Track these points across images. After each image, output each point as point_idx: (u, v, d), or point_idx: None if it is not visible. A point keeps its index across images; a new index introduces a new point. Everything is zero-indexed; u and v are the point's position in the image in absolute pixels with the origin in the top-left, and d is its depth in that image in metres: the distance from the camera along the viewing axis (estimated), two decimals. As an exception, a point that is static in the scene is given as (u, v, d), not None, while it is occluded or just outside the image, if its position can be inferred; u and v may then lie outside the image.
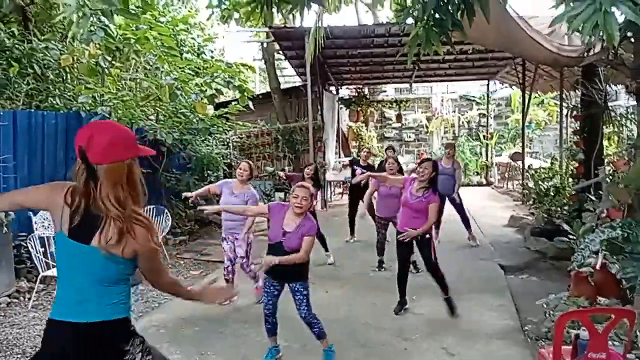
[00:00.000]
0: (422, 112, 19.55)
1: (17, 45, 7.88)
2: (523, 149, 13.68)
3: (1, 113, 6.31)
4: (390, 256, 6.85)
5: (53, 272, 5.74)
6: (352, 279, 6.61)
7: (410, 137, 19.70)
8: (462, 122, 19.28)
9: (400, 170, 7.29)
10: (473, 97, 19.58)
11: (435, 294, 5.71)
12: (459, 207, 8.29)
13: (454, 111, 19.48)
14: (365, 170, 8.10)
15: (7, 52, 7.68)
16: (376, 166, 9.12)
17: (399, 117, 18.48)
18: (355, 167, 8.56)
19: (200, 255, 8.11)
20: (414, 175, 6.18)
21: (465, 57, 13.04)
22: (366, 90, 17.73)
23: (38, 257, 5.73)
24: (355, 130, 17.89)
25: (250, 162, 5.90)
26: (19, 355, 4.33)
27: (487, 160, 17.54)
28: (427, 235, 5.13)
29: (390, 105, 18.53)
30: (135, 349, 2.07)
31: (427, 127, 19.34)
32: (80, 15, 8.79)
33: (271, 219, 4.01)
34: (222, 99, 13.18)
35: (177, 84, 7.29)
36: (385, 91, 19.52)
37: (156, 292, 6.15)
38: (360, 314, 5.25)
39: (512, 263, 7.30)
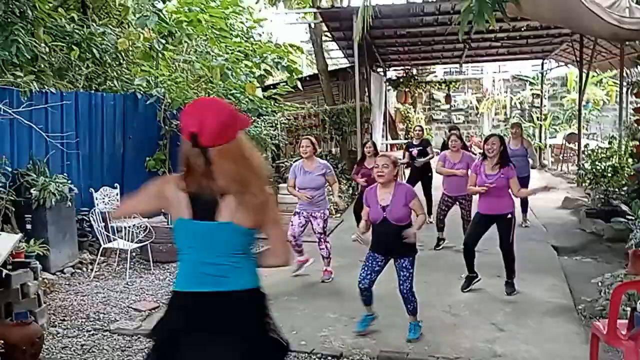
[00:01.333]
0: (472, 93, 19.07)
1: (76, 30, 8.22)
2: (579, 129, 13.14)
3: (65, 93, 6.62)
4: (451, 235, 6.82)
5: (113, 244, 6.06)
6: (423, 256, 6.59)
7: (459, 119, 19.30)
8: (515, 103, 18.70)
9: (465, 147, 7.16)
10: (526, 77, 18.93)
11: (485, 273, 5.68)
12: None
13: (506, 92, 18.92)
14: (420, 149, 8.02)
15: (68, 37, 8.02)
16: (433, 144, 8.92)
17: (447, 99, 18.08)
18: (410, 149, 8.36)
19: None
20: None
21: (518, 34, 12.58)
22: (414, 71, 17.42)
23: (99, 230, 6.04)
24: (402, 112, 17.68)
25: (311, 137, 5.98)
26: (83, 320, 4.61)
27: (540, 142, 16.96)
28: (510, 215, 4.98)
29: (439, 87, 18.13)
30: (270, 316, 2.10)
31: (477, 108, 18.87)
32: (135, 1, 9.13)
33: (369, 204, 4.05)
34: (270, 81, 13.35)
35: (227, 65, 7.42)
36: (434, 72, 19.12)
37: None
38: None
39: (566, 244, 7.11)
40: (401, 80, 16.56)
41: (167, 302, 2.18)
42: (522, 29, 11.89)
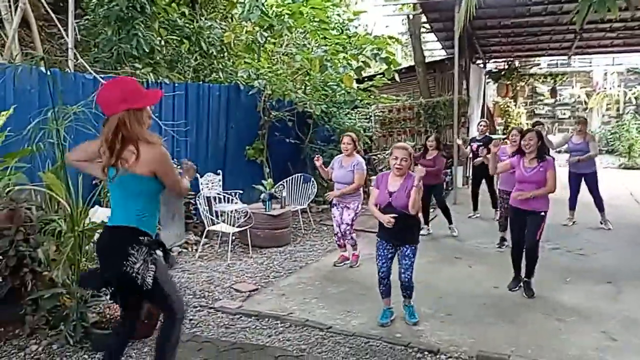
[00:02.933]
0: (580, 87, 17.80)
1: (187, 25, 8.72)
2: None
3: (176, 84, 7.06)
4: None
5: (216, 227, 6.40)
6: (493, 255, 6.41)
7: (564, 114, 18.12)
8: (629, 98, 17.21)
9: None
10: (644, 70, 17.35)
11: (592, 278, 5.38)
12: (594, 186, 7.56)
13: (619, 86, 17.46)
14: (482, 145, 7.70)
15: (179, 31, 8.54)
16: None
17: (553, 92, 17.01)
18: (472, 143, 8.15)
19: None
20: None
21: (637, 24, 11.54)
22: (517, 63, 16.58)
23: (204, 213, 6.40)
24: (502, 106, 16.92)
25: (353, 134, 6.07)
26: (190, 296, 4.92)
27: (657, 141, 15.53)
28: (543, 213, 4.83)
29: (544, 79, 17.12)
30: (139, 255, 2.61)
31: (586, 103, 17.59)
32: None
33: (379, 187, 4.19)
34: (367, 73, 13.33)
35: (326, 56, 7.52)
36: (538, 64, 18.06)
37: (303, 253, 6.56)
38: (508, 292, 5.06)
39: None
40: (503, 72, 15.83)
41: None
42: (642, 18, 10.89)
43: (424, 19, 11.73)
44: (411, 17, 12.04)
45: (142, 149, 2.57)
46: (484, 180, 8.03)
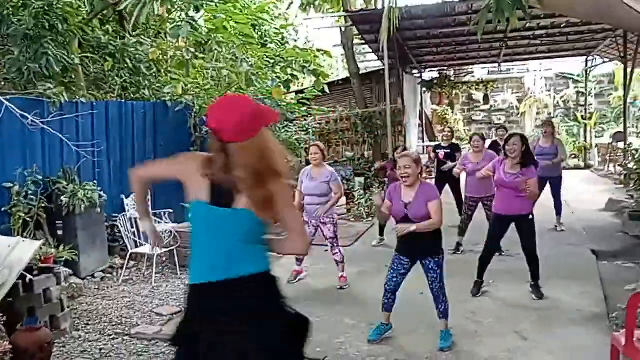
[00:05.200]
0: (512, 93, 18.50)
1: (111, 42, 8.48)
2: (625, 128, 12.53)
3: (94, 103, 6.82)
4: (470, 239, 6.63)
5: (140, 249, 6.19)
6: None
7: (500, 119, 18.75)
8: (558, 102, 18.01)
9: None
10: (570, 74, 18.21)
11: (514, 279, 5.48)
12: (557, 190, 7.72)
13: (549, 90, 18.25)
14: (449, 152, 7.80)
15: (102, 49, 8.29)
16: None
17: (486, 99, 17.63)
18: (437, 151, 8.09)
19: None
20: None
21: (558, 31, 12.12)
22: (451, 72, 17.08)
23: (128, 235, 6.18)
24: (440, 114, 17.36)
25: (320, 143, 5.92)
26: (106, 324, 4.69)
27: (585, 141, 16.27)
28: (531, 216, 4.85)
29: (477, 87, 17.71)
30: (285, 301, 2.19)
31: (517, 108, 18.29)
32: (167, 11, 9.30)
33: (392, 199, 4.00)
34: (305, 84, 13.37)
35: (253, 70, 7.48)
36: (472, 72, 18.68)
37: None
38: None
39: (607, 249, 6.76)
40: (434, 81, 16.27)
41: (186, 297, 2.24)
42: (562, 26, 11.45)
43: (356, 31, 11.91)
44: (343, 29, 12.18)
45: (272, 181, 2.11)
46: (447, 187, 8.03)
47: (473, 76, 18.53)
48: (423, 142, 15.28)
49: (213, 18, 7.83)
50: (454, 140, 8.24)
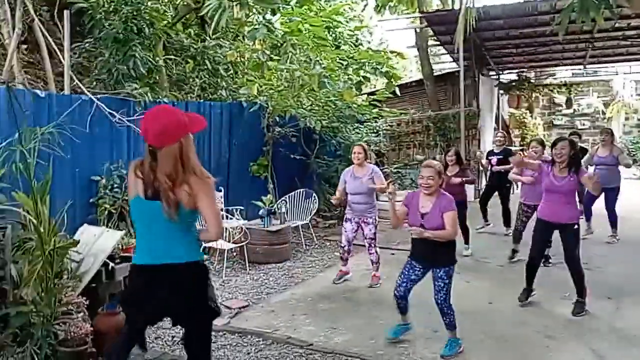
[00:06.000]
0: (598, 96, 17.43)
1: (192, 45, 8.91)
2: None
3: (175, 103, 7.18)
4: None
5: (212, 244, 6.39)
6: (494, 271, 6.27)
7: (584, 124, 17.75)
8: (648, 107, 16.80)
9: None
10: (664, 78, 16.92)
11: (593, 293, 5.17)
12: (612, 203, 7.35)
13: (639, 94, 17.05)
14: (501, 157, 7.56)
15: (184, 51, 8.72)
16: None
17: (568, 102, 16.73)
18: (490, 157, 7.92)
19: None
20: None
21: (651, 31, 11.29)
22: (531, 74, 16.35)
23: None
24: (518, 118, 16.69)
25: (364, 144, 6.05)
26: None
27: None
28: (577, 226, 4.67)
29: (559, 90, 16.84)
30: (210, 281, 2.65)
31: (604, 113, 17.21)
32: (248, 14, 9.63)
33: (409, 207, 4.02)
34: (378, 86, 13.35)
35: (324, 72, 7.57)
36: (553, 74, 17.80)
37: (301, 269, 6.53)
38: (502, 307, 4.94)
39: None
40: (513, 83, 15.66)
41: (129, 274, 2.77)
42: (655, 25, 10.65)
43: (430, 32, 11.73)
44: (418, 30, 12.02)
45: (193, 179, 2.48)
46: (496, 193, 7.86)
47: (555, 78, 17.64)
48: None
49: (288, 21, 8.00)
50: (506, 145, 8.05)
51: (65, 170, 5.35)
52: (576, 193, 4.78)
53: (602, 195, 7.26)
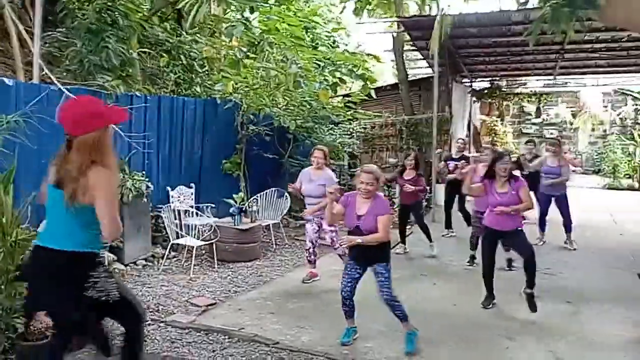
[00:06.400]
0: (566, 107, 17.91)
1: (168, 39, 8.79)
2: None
3: (148, 97, 7.09)
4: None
5: (181, 241, 6.39)
6: (461, 273, 6.39)
7: (552, 133, 18.20)
8: (614, 119, 17.31)
9: (521, 167, 6.96)
10: (630, 91, 17.47)
11: (554, 297, 5.37)
12: (565, 208, 7.59)
13: (606, 106, 17.58)
14: (458, 163, 7.74)
15: (160, 45, 8.60)
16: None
17: (538, 112, 17.15)
18: (448, 162, 8.21)
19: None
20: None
21: (618, 45, 11.66)
22: (503, 82, 16.70)
23: (170, 226, 6.38)
24: (489, 125, 17.01)
25: (325, 148, 6.12)
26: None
27: (641, 161, 15.60)
28: (520, 228, 4.87)
29: (530, 99, 17.23)
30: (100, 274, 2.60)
31: (571, 123, 17.69)
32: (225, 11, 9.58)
33: (346, 208, 4.15)
34: (354, 88, 13.41)
35: (301, 72, 7.59)
36: (525, 83, 18.21)
37: (270, 268, 6.53)
38: (465, 310, 5.04)
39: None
40: (485, 91, 15.97)
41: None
42: (623, 40, 11.01)
43: (407, 37, 11.85)
44: (395, 35, 12.14)
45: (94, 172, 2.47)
46: (456, 198, 8.05)
47: (526, 87, 18.06)
48: (469, 152, 15.01)
49: (266, 19, 7.99)
50: (465, 152, 8.31)
51: (31, 160, 5.23)
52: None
53: (553, 203, 7.60)
